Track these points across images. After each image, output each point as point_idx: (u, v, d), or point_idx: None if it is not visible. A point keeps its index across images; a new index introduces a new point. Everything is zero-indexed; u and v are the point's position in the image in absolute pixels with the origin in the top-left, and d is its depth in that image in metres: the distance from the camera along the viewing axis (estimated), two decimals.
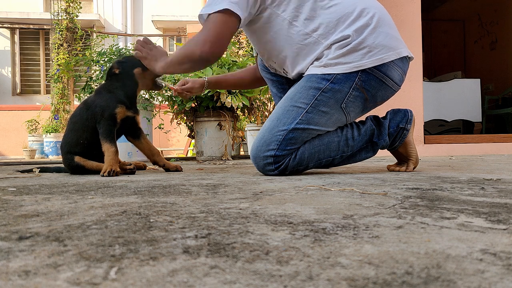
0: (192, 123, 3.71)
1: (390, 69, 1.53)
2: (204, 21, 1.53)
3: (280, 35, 1.57)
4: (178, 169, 2.01)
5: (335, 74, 1.50)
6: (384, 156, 3.35)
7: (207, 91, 3.27)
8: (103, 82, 1.96)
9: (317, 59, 1.54)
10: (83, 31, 8.75)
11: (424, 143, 3.76)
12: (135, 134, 1.99)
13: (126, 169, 1.83)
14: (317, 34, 1.52)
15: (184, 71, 1.71)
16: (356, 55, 1.49)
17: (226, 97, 3.34)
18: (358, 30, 1.49)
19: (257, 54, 1.89)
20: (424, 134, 3.81)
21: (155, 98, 3.64)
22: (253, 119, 4.41)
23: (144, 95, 3.59)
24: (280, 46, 1.59)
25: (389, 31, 1.54)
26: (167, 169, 2.01)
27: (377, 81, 1.53)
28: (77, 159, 1.85)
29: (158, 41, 10.36)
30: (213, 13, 1.48)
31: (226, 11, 1.46)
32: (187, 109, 3.58)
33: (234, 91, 3.42)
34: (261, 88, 3.59)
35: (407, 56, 1.58)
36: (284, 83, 1.84)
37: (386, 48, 1.51)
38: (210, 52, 1.50)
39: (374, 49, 1.49)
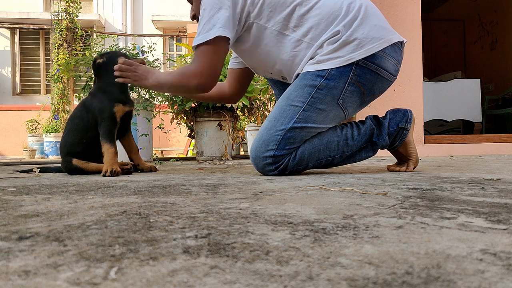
0: (192, 123, 3.71)
1: (384, 60, 1.53)
2: (196, 49, 1.55)
3: (272, 47, 1.58)
4: (152, 170, 2.01)
5: (328, 69, 1.50)
6: (384, 156, 3.35)
7: None
8: (96, 81, 1.94)
9: (311, 58, 1.55)
10: (83, 31, 8.75)
11: (424, 143, 3.76)
12: (124, 130, 1.97)
13: (123, 169, 1.83)
14: (308, 38, 1.53)
15: (178, 95, 1.83)
16: (348, 48, 1.49)
17: None
18: (346, 25, 1.50)
19: None
20: (424, 134, 3.81)
21: (155, 98, 3.63)
22: (253, 119, 4.41)
23: (144, 95, 3.59)
24: (273, 58, 1.61)
25: (376, 21, 1.54)
26: (141, 170, 2.01)
27: (372, 74, 1.53)
28: (75, 162, 1.84)
29: (158, 41, 10.36)
30: (205, 43, 1.51)
31: (216, 38, 1.50)
32: (187, 109, 3.58)
33: None
34: (261, 88, 3.59)
35: (398, 42, 1.58)
36: (285, 83, 1.85)
37: (375, 38, 1.51)
38: (205, 83, 1.58)
39: (365, 40, 1.50)
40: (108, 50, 2.19)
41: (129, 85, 1.96)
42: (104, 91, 1.86)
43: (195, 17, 1.75)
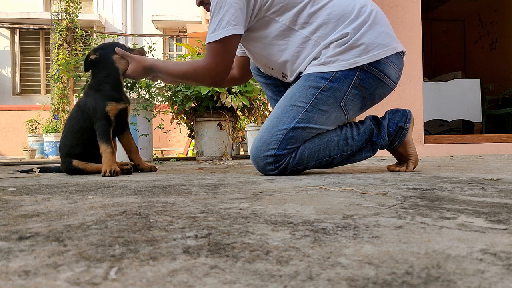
0: (192, 123, 3.70)
1: (387, 66, 1.54)
2: (209, 45, 1.58)
3: (279, 40, 1.59)
4: (152, 170, 2.01)
5: (334, 72, 1.51)
6: (384, 156, 3.35)
7: (207, 90, 3.27)
8: (90, 79, 1.93)
9: (315, 58, 1.54)
10: (83, 31, 8.75)
11: (424, 143, 3.75)
12: (122, 129, 1.96)
13: (123, 169, 1.83)
14: (316, 36, 1.53)
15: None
16: (354, 52, 1.50)
17: (226, 97, 3.34)
18: (356, 28, 1.51)
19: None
20: (424, 134, 3.81)
21: (155, 98, 3.63)
22: (253, 119, 4.41)
23: (144, 95, 3.59)
24: (279, 52, 1.61)
25: (384, 29, 1.56)
26: (141, 170, 2.00)
27: (375, 79, 1.54)
28: (75, 163, 1.84)
29: (158, 41, 10.35)
30: (219, 41, 1.54)
31: (230, 36, 1.52)
32: (187, 109, 3.58)
33: (234, 91, 3.41)
34: (261, 88, 3.59)
35: (401, 52, 1.60)
36: (279, 85, 1.85)
37: (381, 45, 1.53)
38: (220, 80, 1.69)
39: (371, 45, 1.51)
40: (102, 42, 2.10)
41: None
42: (96, 90, 1.84)
43: (202, 2, 1.74)
